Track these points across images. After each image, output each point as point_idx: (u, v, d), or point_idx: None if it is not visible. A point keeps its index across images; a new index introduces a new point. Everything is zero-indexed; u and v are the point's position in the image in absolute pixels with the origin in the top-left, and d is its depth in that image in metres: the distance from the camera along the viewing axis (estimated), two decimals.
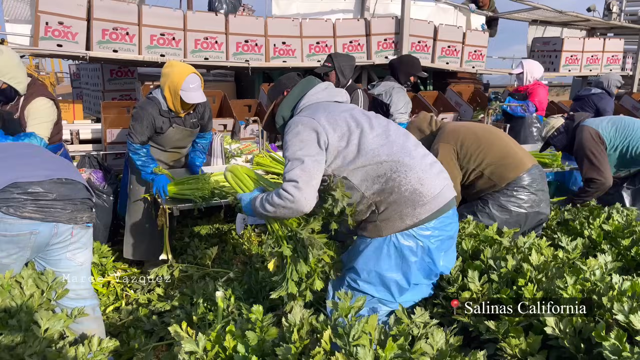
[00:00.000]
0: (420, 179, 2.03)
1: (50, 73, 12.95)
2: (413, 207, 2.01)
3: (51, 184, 2.21)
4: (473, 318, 1.92)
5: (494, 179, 3.01)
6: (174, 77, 3.42)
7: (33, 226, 2.15)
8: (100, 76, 6.27)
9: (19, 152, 2.47)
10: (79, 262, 2.41)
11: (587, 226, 2.84)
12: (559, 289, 1.88)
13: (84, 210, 2.34)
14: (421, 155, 2.12)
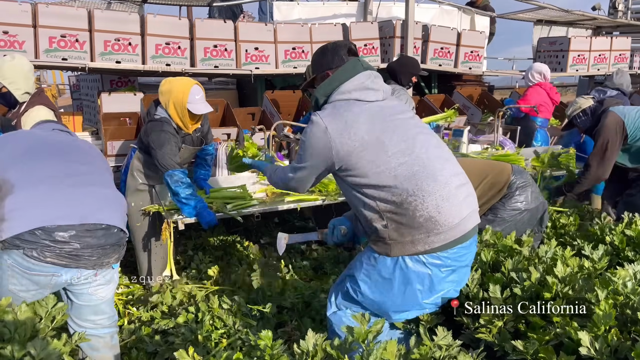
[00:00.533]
0: (439, 207, 1.87)
1: (52, 85, 12.91)
2: (427, 235, 1.87)
3: (81, 232, 2.07)
4: (497, 337, 1.79)
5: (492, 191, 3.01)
6: (177, 92, 3.27)
7: (55, 269, 2.07)
8: (100, 87, 6.19)
9: (56, 170, 2.22)
10: (100, 297, 2.31)
11: (609, 232, 2.71)
12: (590, 303, 1.74)
13: (113, 253, 2.23)
14: (446, 177, 1.95)
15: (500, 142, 5.27)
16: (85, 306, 2.30)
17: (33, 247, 1.99)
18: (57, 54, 5.06)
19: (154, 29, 5.48)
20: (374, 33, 6.72)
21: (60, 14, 5.07)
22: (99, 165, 2.45)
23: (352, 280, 2.04)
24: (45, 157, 2.27)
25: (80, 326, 2.31)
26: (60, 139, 2.47)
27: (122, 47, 5.35)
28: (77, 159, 2.37)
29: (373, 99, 2.05)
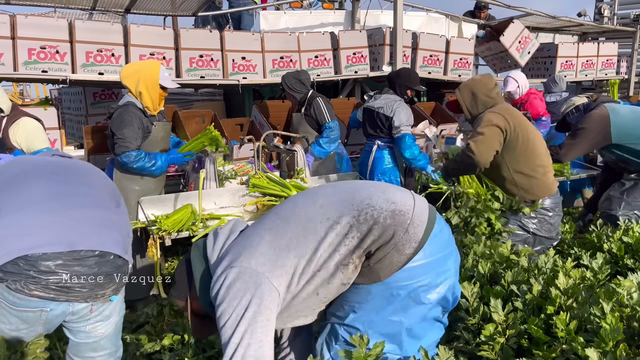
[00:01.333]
0: (388, 199, 1.70)
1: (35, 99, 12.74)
2: (404, 229, 1.65)
3: (69, 260, 1.81)
4: (500, 354, 1.69)
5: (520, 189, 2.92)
6: (148, 71, 3.42)
7: (43, 304, 1.83)
8: (82, 100, 6.06)
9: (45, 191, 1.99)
10: (99, 334, 2.06)
11: (606, 239, 2.63)
12: (595, 317, 1.66)
13: (109, 284, 1.94)
14: (370, 186, 1.82)
15: None
16: (83, 344, 2.06)
17: (16, 279, 1.76)
18: (37, 66, 4.93)
19: (137, 40, 5.38)
20: (362, 41, 6.68)
21: (40, 25, 4.94)
22: (98, 186, 2.18)
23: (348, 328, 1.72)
24: (34, 178, 2.04)
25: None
26: (54, 160, 2.23)
27: (105, 58, 5.24)
28: (71, 179, 2.12)
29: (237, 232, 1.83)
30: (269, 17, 7.30)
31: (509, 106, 3.08)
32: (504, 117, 2.88)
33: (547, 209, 2.94)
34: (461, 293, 1.93)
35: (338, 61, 6.55)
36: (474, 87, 3.08)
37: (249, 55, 6.08)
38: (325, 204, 1.71)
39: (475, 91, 3.07)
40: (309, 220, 1.67)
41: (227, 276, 1.56)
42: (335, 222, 1.65)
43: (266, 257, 1.59)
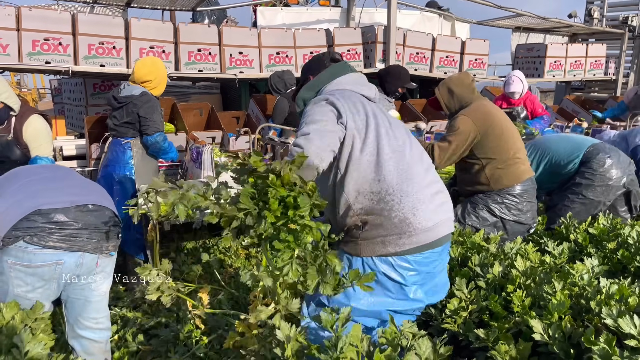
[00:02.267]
0: (414, 209, 1.86)
1: (32, 89, 12.84)
2: (399, 236, 1.84)
3: (77, 212, 2.10)
4: (462, 326, 1.90)
5: (490, 180, 3.08)
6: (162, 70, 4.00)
7: (57, 256, 2.05)
8: (83, 90, 6.22)
9: (45, 175, 2.37)
10: (102, 292, 2.32)
11: (573, 230, 2.84)
12: (547, 294, 1.86)
13: (111, 239, 2.24)
14: (427, 183, 1.95)
15: None
16: (88, 302, 2.28)
17: (34, 233, 1.98)
18: (41, 57, 5.10)
19: (138, 33, 5.54)
20: (357, 38, 6.85)
21: (44, 17, 5.10)
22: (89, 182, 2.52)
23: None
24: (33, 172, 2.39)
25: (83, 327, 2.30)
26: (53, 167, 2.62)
27: (106, 50, 5.41)
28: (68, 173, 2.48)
29: (367, 94, 2.09)
30: (266, 13, 7.46)
31: (482, 104, 3.17)
32: (472, 121, 3.03)
33: (514, 195, 3.06)
34: None
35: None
36: (451, 84, 3.23)
37: (246, 50, 6.26)
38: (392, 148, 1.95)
39: (452, 88, 3.22)
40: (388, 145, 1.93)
41: (328, 99, 1.93)
42: (374, 173, 1.89)
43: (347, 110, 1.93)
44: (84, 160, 4.59)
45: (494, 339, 1.73)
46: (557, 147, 3.54)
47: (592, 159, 3.37)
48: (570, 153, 3.47)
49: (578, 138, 3.69)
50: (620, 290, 1.84)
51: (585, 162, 3.39)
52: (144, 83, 3.88)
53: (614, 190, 3.39)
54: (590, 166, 3.36)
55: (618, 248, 2.57)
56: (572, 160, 3.44)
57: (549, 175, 3.52)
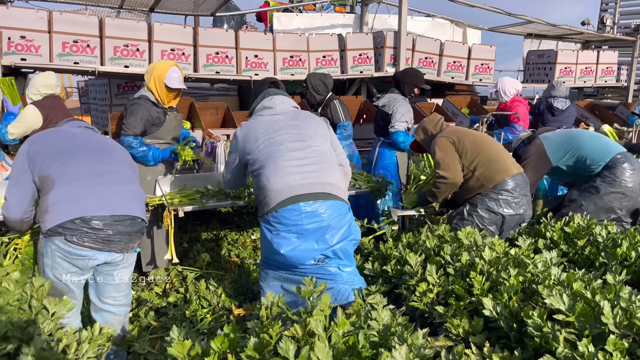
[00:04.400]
0: (268, 178, 2.55)
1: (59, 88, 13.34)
2: (264, 197, 2.56)
3: (112, 222, 2.42)
4: (429, 305, 2.17)
5: (482, 180, 3.32)
6: (158, 69, 3.83)
7: (91, 253, 2.40)
8: (107, 91, 6.61)
9: (91, 167, 2.55)
10: (122, 278, 2.63)
11: (550, 228, 3.07)
12: (503, 279, 2.12)
13: (136, 239, 2.58)
14: (286, 162, 2.59)
15: None
16: (109, 285, 2.60)
17: (73, 234, 2.32)
18: (70, 58, 5.49)
19: (160, 36, 5.91)
20: (368, 43, 7.11)
21: (73, 21, 5.50)
22: (124, 162, 2.76)
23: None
24: (80, 156, 2.58)
25: (104, 303, 2.63)
26: (89, 138, 2.78)
27: (131, 52, 5.78)
28: (106, 158, 2.70)
29: (267, 114, 2.84)
30: (282, 19, 7.77)
31: (449, 128, 3.63)
32: (445, 136, 3.44)
33: (508, 190, 3.29)
34: (407, 261, 2.43)
35: (345, 61, 7.01)
36: (424, 125, 3.72)
37: (261, 54, 6.58)
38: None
39: (425, 127, 3.70)
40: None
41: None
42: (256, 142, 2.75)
43: None
44: None
45: (452, 314, 1.99)
46: (592, 145, 3.69)
47: (618, 165, 3.55)
48: (601, 154, 3.62)
49: (611, 142, 3.83)
50: (568, 278, 2.08)
51: (611, 167, 3.56)
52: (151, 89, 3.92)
53: (626, 200, 3.57)
54: (614, 172, 3.54)
55: (587, 245, 2.79)
56: (599, 162, 3.60)
57: (572, 168, 3.69)
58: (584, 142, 3.70)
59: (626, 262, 2.55)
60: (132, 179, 2.74)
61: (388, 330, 1.69)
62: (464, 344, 1.71)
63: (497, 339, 1.93)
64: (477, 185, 3.35)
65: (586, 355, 1.51)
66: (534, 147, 3.78)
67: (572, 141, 3.74)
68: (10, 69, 5.37)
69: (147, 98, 3.84)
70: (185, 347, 1.57)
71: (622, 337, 1.63)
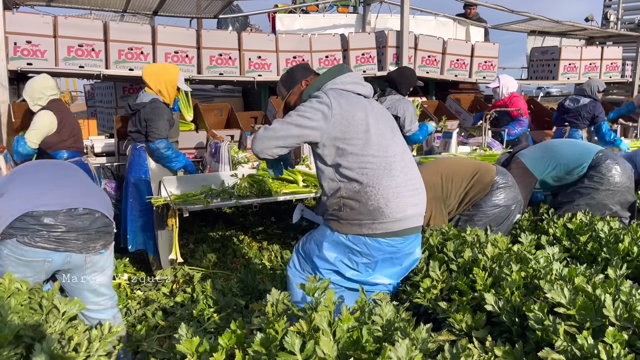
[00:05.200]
0: (388, 201, 2.20)
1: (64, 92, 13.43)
2: (372, 221, 2.21)
3: (65, 216, 2.30)
4: (432, 301, 2.19)
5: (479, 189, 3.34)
6: (168, 74, 4.00)
7: (46, 254, 2.28)
8: (113, 93, 6.67)
9: (47, 175, 2.54)
10: (98, 282, 2.53)
11: (552, 225, 3.09)
12: (505, 275, 2.14)
13: (99, 239, 2.42)
14: (403, 180, 2.28)
15: (489, 144, 5.64)
16: (85, 290, 2.50)
17: (24, 234, 2.21)
18: (75, 62, 5.55)
19: (164, 39, 5.96)
20: (371, 43, 7.15)
21: (78, 25, 5.56)
22: (83, 177, 2.71)
23: (314, 255, 2.35)
24: (31, 170, 2.59)
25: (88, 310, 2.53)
26: (59, 166, 2.81)
27: (135, 55, 5.83)
28: (60, 168, 2.70)
29: (363, 93, 2.40)
30: (284, 20, 7.81)
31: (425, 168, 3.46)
32: (430, 199, 3.11)
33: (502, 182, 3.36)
34: None
35: (347, 61, 7.04)
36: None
37: (264, 55, 6.61)
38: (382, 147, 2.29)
39: None
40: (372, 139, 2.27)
41: (322, 99, 2.25)
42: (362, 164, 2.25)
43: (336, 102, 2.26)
44: (113, 157, 5.00)
45: (454, 310, 2.02)
46: (568, 152, 3.77)
47: (601, 163, 3.60)
48: (579, 157, 3.69)
49: (586, 144, 3.94)
50: (570, 273, 2.11)
51: (594, 166, 3.62)
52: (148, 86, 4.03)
53: (618, 195, 3.62)
54: (599, 170, 3.59)
55: (589, 241, 2.81)
56: (581, 164, 3.66)
57: (556, 177, 3.75)
58: (561, 151, 3.79)
59: (628, 257, 2.57)
60: (91, 183, 2.68)
61: (391, 325, 1.72)
62: (467, 339, 1.74)
63: (499, 334, 1.95)
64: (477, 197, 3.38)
65: (585, 347, 1.53)
66: (515, 166, 3.84)
67: (549, 152, 3.82)
68: (17, 73, 5.43)
69: (161, 101, 3.96)
70: (194, 343, 1.60)
71: (622, 329, 1.66)
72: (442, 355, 1.57)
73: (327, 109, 2.23)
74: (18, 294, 2.11)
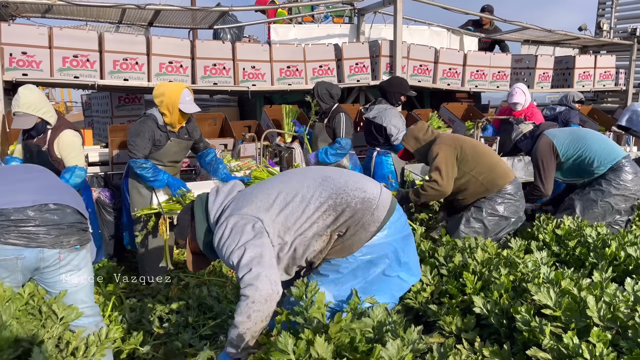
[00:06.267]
0: (360, 188, 2.17)
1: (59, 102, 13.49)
2: (371, 213, 2.12)
3: (35, 211, 2.23)
4: (423, 304, 2.24)
5: (486, 185, 3.41)
6: (171, 94, 3.83)
7: (17, 251, 2.18)
8: (109, 103, 6.71)
9: (18, 177, 2.46)
10: (74, 284, 2.40)
11: (542, 231, 3.15)
12: (494, 278, 2.19)
13: (72, 234, 2.34)
14: (348, 176, 2.26)
15: None
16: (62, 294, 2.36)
17: None
18: (70, 73, 5.58)
19: (158, 49, 6.01)
20: (364, 52, 7.22)
21: (73, 36, 5.60)
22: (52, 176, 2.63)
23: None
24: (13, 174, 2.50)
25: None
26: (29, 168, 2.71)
27: (130, 66, 5.87)
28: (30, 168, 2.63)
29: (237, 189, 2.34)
30: (279, 30, 7.88)
31: (445, 134, 3.67)
32: (448, 144, 3.46)
33: (511, 194, 3.43)
34: None
35: (341, 70, 7.11)
36: (413, 133, 3.73)
37: (258, 65, 6.67)
38: (311, 185, 2.18)
39: (416, 135, 3.70)
40: (296, 193, 2.14)
41: (228, 222, 2.05)
42: (316, 200, 2.12)
43: (261, 208, 2.09)
44: (107, 166, 5.03)
45: (445, 312, 2.07)
46: (598, 147, 3.79)
47: (623, 169, 3.68)
48: (609, 156, 3.73)
49: (617, 146, 3.96)
50: (557, 276, 2.16)
51: (616, 169, 3.68)
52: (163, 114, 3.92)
53: (629, 202, 3.72)
54: (619, 175, 3.66)
55: (577, 246, 2.87)
56: (604, 164, 3.71)
57: (577, 166, 3.79)
58: (593, 142, 3.80)
59: (615, 261, 2.63)
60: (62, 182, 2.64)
61: (382, 326, 1.76)
62: (454, 339, 1.78)
63: (488, 335, 2.01)
64: (481, 190, 3.45)
65: (570, 347, 1.58)
66: (543, 143, 3.83)
67: (581, 140, 3.82)
68: (12, 84, 5.46)
69: (154, 119, 3.88)
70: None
71: (606, 329, 1.71)
72: (430, 355, 1.62)
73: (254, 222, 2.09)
74: (17, 299, 2.14)
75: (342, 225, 2.12)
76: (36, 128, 3.69)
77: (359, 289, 2.10)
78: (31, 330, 1.96)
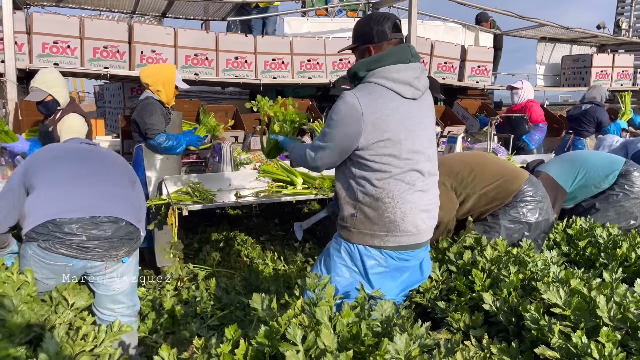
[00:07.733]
0: (404, 215, 2.12)
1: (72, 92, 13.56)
2: (385, 234, 2.14)
3: (88, 224, 2.26)
4: (431, 301, 2.24)
5: (499, 196, 3.07)
6: (167, 73, 4.09)
7: (66, 260, 2.27)
8: (121, 94, 6.75)
9: (72, 172, 2.44)
10: (115, 289, 2.48)
11: (552, 230, 3.12)
12: (503, 276, 2.18)
13: (122, 247, 2.38)
14: (424, 195, 2.18)
15: (494, 149, 5.66)
16: (103, 295, 2.47)
17: (45, 239, 2.21)
18: (100, 63, 5.68)
19: (185, 42, 6.07)
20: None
21: (103, 28, 5.69)
22: (114, 167, 2.62)
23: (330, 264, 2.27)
24: (65, 161, 2.49)
25: (102, 313, 2.50)
26: (82, 147, 2.73)
27: (154, 60, 5.93)
28: (95, 162, 2.57)
29: (409, 96, 2.13)
30: (292, 23, 7.87)
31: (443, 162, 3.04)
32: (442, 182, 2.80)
33: (530, 196, 3.06)
34: None
35: None
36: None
37: (279, 57, 6.69)
38: None
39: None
40: None
41: (350, 101, 2.07)
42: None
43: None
44: None
45: (453, 309, 2.06)
46: (596, 160, 3.76)
47: (632, 172, 3.62)
48: (610, 165, 3.68)
49: (611, 155, 3.95)
50: (566, 275, 2.14)
51: (625, 174, 3.63)
52: (148, 87, 4.08)
53: None
54: (629, 179, 3.60)
55: (588, 246, 2.84)
56: (611, 173, 3.65)
57: (584, 187, 3.71)
58: (588, 160, 3.76)
59: (626, 262, 2.60)
60: (123, 183, 2.57)
61: (390, 321, 1.76)
62: (461, 335, 1.78)
63: (496, 333, 1.99)
64: (495, 204, 3.09)
65: (579, 346, 1.57)
66: (544, 181, 3.54)
67: (575, 162, 3.77)
68: (25, 72, 5.47)
69: (153, 97, 4.05)
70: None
71: (616, 329, 1.69)
72: (438, 351, 1.61)
73: (358, 117, 2.05)
74: (27, 285, 2.17)
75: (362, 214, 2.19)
76: (46, 106, 3.80)
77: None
78: (42, 315, 1.99)
